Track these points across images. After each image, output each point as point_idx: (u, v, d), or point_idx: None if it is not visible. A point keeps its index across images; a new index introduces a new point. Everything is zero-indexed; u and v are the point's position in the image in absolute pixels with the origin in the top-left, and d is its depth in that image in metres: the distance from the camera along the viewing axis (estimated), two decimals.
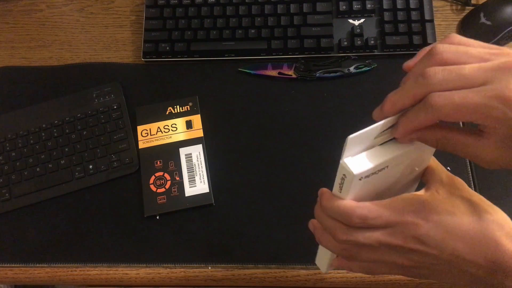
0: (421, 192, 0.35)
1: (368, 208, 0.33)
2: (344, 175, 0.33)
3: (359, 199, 0.35)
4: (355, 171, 0.32)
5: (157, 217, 0.60)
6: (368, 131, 0.31)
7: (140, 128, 0.65)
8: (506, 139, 0.29)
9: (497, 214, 0.33)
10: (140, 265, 0.58)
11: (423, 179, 0.37)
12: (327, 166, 0.42)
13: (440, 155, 0.36)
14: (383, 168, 0.34)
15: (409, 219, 0.33)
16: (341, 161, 0.33)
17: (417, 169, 0.37)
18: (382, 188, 0.37)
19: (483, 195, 0.36)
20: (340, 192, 0.35)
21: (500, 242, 0.31)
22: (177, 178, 0.61)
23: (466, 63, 0.29)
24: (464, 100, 0.28)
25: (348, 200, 0.34)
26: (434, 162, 0.37)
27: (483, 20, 0.66)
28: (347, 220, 0.34)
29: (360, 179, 0.33)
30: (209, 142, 0.63)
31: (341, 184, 0.34)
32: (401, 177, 0.37)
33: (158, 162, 0.62)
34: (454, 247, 0.32)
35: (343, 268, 0.40)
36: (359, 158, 0.33)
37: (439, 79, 0.29)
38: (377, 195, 0.36)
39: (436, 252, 0.33)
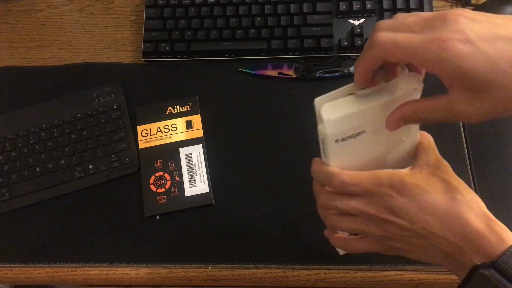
0: (405, 170, 0.36)
1: (348, 175, 0.36)
2: (322, 138, 0.36)
3: (344, 167, 0.37)
4: (328, 131, 0.35)
5: (157, 217, 0.60)
6: (334, 92, 0.35)
7: (140, 128, 0.65)
8: (463, 90, 0.30)
9: (470, 196, 0.35)
10: (140, 265, 0.58)
11: (414, 157, 0.39)
12: None
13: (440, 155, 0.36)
14: (360, 133, 0.36)
15: (384, 190, 0.35)
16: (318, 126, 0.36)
17: (404, 138, 0.38)
18: (368, 159, 0.38)
19: (483, 195, 0.37)
20: (325, 158, 0.37)
21: (469, 220, 0.33)
22: (177, 178, 0.61)
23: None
24: (405, 40, 0.31)
25: (332, 166, 0.37)
26: (426, 142, 0.39)
27: None
28: (328, 184, 0.37)
29: (336, 141, 0.35)
30: (209, 142, 0.63)
31: (323, 149, 0.37)
32: (389, 148, 0.38)
33: (158, 162, 0.62)
34: (425, 221, 0.34)
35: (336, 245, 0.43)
36: (333, 121, 0.35)
37: (384, 25, 0.32)
38: (366, 168, 0.37)
39: (407, 224, 0.35)
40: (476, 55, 0.28)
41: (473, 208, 0.34)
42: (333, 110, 0.35)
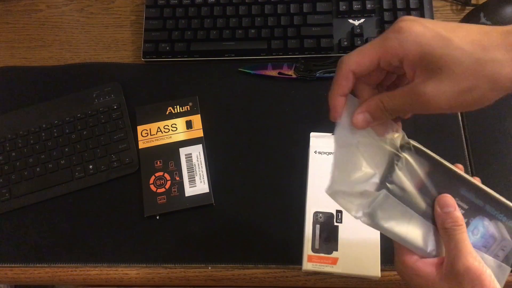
0: (426, 262, 0.36)
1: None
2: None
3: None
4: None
5: (157, 217, 0.60)
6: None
7: (140, 128, 0.65)
8: (424, 71, 0.30)
9: None
10: (140, 265, 0.58)
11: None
12: None
13: (440, 155, 0.36)
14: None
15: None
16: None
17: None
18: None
19: None
20: None
21: None
22: (177, 178, 0.61)
23: None
24: (364, 46, 0.32)
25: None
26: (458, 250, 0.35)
27: (483, 20, 0.66)
28: None
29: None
30: (209, 142, 0.63)
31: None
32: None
33: (158, 162, 0.62)
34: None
35: None
36: None
37: (345, 55, 0.34)
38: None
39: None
40: (430, 33, 0.30)
41: None
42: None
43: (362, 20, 0.69)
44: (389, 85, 0.37)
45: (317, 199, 0.57)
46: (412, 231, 0.36)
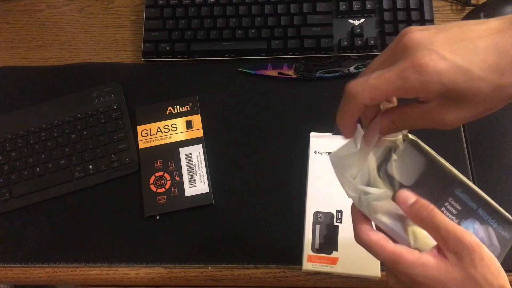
0: (430, 254, 0.33)
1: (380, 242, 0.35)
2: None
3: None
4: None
5: (157, 217, 0.60)
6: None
7: (140, 128, 0.65)
8: (442, 99, 0.30)
9: None
10: (140, 265, 0.58)
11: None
12: None
13: (440, 154, 0.36)
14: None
15: (397, 275, 0.34)
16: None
17: None
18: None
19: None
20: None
21: None
22: (177, 178, 0.61)
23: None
24: (379, 80, 0.30)
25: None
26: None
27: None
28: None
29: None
30: (209, 142, 0.63)
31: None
32: None
33: (158, 162, 0.62)
34: None
35: None
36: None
37: (355, 83, 0.31)
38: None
39: None
40: (452, 69, 0.28)
41: None
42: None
43: (362, 20, 0.69)
44: None
45: (317, 199, 0.57)
46: (399, 222, 0.35)
